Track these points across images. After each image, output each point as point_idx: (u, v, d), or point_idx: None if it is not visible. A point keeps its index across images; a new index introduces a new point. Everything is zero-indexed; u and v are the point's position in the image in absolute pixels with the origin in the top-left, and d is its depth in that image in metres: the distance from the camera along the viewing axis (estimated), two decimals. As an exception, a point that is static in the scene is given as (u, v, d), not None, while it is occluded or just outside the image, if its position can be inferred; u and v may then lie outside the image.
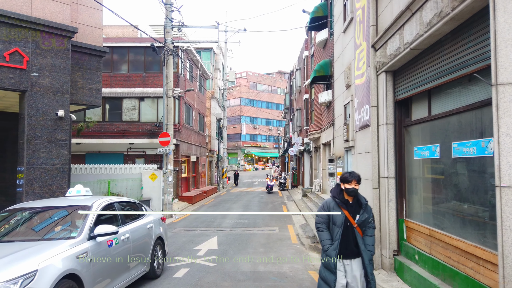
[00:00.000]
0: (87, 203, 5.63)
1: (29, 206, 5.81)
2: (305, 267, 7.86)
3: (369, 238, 4.46)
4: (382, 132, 6.72)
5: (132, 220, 6.46)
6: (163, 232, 7.46)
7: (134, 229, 6.27)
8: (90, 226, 5.16)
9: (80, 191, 6.49)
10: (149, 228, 6.84)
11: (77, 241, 4.85)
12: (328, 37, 15.47)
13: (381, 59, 6.58)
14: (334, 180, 9.83)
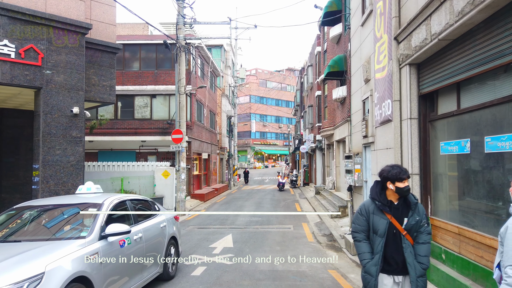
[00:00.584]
0: (98, 201, 5.35)
1: (37, 204, 5.51)
2: (324, 266, 7.69)
3: (422, 247, 3.46)
4: (406, 127, 6.51)
5: (144, 219, 6.16)
6: (176, 232, 7.17)
7: (147, 228, 5.96)
8: (101, 225, 4.86)
9: (90, 188, 6.24)
10: (163, 228, 6.53)
11: (87, 241, 4.56)
12: (342, 32, 15.20)
13: (404, 52, 6.36)
14: (352, 177, 9.63)
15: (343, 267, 7.58)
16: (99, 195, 5.87)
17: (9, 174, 12.35)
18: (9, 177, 12.35)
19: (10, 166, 12.37)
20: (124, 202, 5.81)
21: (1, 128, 12.42)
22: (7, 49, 8.40)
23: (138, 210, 6.20)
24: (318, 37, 23.57)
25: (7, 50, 8.39)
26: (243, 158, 63.73)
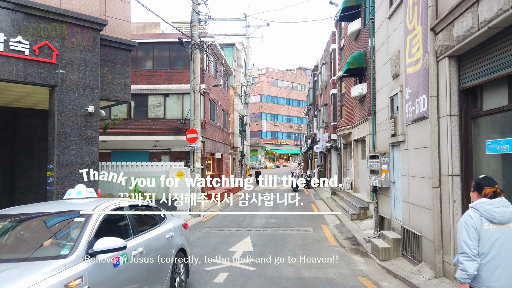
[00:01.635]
0: (87, 209, 4.36)
1: (12, 213, 4.49)
2: (353, 272, 7.25)
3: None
4: (445, 124, 6.03)
5: (147, 228, 5.25)
6: (185, 243, 6.19)
7: (149, 240, 5.02)
8: (88, 240, 3.88)
9: (81, 192, 5.30)
10: (169, 238, 5.59)
11: (69, 262, 3.58)
12: (362, 28, 14.70)
13: (444, 43, 5.88)
14: (378, 178, 9.16)
15: (373, 274, 7.13)
16: (90, 201, 4.91)
17: (23, 175, 12.16)
18: (23, 177, 12.16)
19: (24, 167, 12.18)
20: (121, 210, 4.88)
21: (15, 128, 12.24)
22: (21, 46, 8.13)
23: (139, 218, 5.30)
24: (333, 34, 23.06)
25: (21, 47, 8.13)
26: (254, 158, 63.39)
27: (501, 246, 3.17)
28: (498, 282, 3.13)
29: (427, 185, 6.59)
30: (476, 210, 3.30)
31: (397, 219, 8.70)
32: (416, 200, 7.22)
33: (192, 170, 15.42)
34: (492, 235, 3.18)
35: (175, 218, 6.37)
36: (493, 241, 3.17)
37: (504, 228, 3.18)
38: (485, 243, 3.18)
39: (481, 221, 3.22)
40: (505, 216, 3.18)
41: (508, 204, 3.27)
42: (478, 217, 3.24)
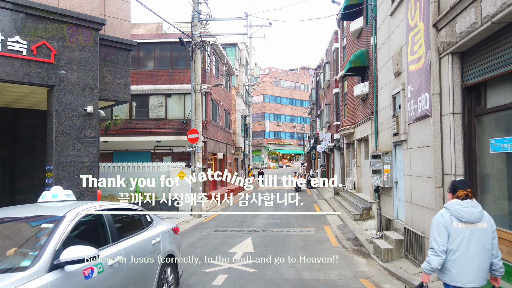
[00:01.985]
0: (58, 213, 3.93)
1: None
2: (354, 274, 7.12)
3: None
4: (447, 122, 5.89)
5: (130, 233, 4.86)
6: (175, 248, 5.81)
7: (131, 247, 4.61)
8: (54, 249, 3.45)
9: (57, 194, 4.85)
10: (155, 244, 5.20)
11: (29, 275, 3.13)
12: (364, 26, 14.55)
13: (446, 39, 5.75)
14: (380, 178, 9.02)
15: (375, 276, 7.00)
16: (64, 205, 4.44)
17: (24, 176, 12.12)
18: (24, 178, 12.12)
19: (25, 168, 12.14)
20: (99, 214, 4.44)
21: (16, 128, 12.20)
22: (19, 46, 8.07)
23: (121, 222, 4.91)
24: (335, 33, 22.91)
25: (19, 47, 8.07)
26: (257, 158, 63.29)
27: (469, 243, 3.42)
28: (466, 277, 3.41)
29: (430, 185, 6.46)
30: (448, 210, 3.56)
31: (399, 220, 8.56)
32: (418, 200, 7.08)
33: (193, 170, 15.33)
34: (460, 233, 3.44)
35: (164, 222, 6.00)
36: (462, 239, 3.44)
37: (472, 227, 3.44)
38: (454, 240, 3.45)
39: (451, 219, 3.49)
40: (473, 216, 3.43)
41: (477, 205, 3.51)
42: (448, 216, 3.51)
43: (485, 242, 3.46)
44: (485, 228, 3.47)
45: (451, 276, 3.48)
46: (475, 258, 3.42)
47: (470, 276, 3.42)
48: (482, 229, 3.46)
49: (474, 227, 3.45)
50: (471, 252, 3.42)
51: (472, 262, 3.42)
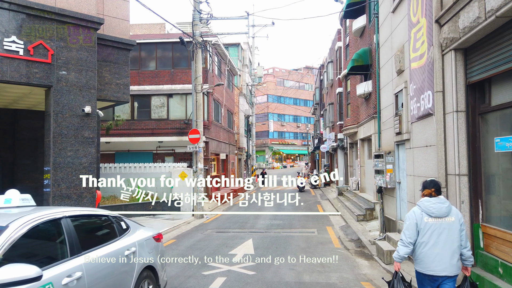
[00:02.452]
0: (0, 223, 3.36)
1: None
2: (356, 277, 6.96)
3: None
4: (451, 121, 5.72)
5: (98, 245, 4.20)
6: (156, 259, 5.10)
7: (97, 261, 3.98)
8: None
9: (10, 200, 4.20)
10: (129, 256, 4.53)
11: None
12: (367, 24, 14.37)
13: (449, 35, 5.57)
14: (383, 178, 8.84)
15: (377, 279, 6.83)
16: (13, 213, 3.82)
17: (24, 177, 12.06)
18: (24, 179, 12.06)
19: (25, 169, 12.08)
20: (57, 222, 3.77)
21: (16, 129, 12.14)
22: (15, 46, 7.98)
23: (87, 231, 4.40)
24: (338, 32, 22.72)
25: (15, 47, 7.98)
26: (261, 158, 63.14)
27: (439, 236, 3.77)
28: (439, 266, 3.75)
29: (433, 186, 6.27)
30: (419, 207, 3.92)
31: (403, 221, 8.38)
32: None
33: (194, 171, 15.22)
34: (431, 227, 3.80)
35: (144, 228, 5.38)
36: (432, 232, 3.79)
37: (441, 221, 3.80)
38: (425, 233, 3.80)
39: (422, 215, 3.85)
40: (440, 211, 3.80)
41: (445, 202, 3.85)
42: (419, 212, 3.87)
43: (454, 234, 3.80)
44: (453, 222, 3.81)
45: (424, 265, 3.82)
46: (445, 249, 3.76)
47: (442, 265, 3.75)
48: (450, 222, 3.80)
49: (442, 221, 3.80)
50: (441, 243, 3.76)
51: (443, 253, 3.75)
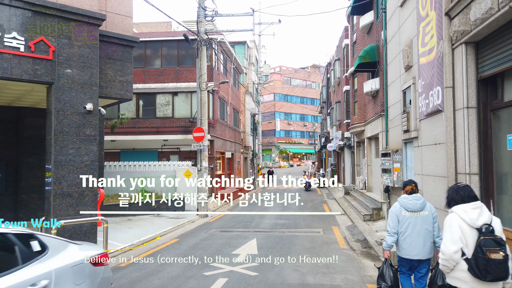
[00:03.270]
0: None
1: None
2: (361, 278, 6.75)
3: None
4: (461, 118, 5.48)
5: None
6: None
7: None
8: None
9: None
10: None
11: None
12: (374, 20, 14.09)
13: (460, 28, 5.33)
14: (390, 177, 8.61)
15: (384, 281, 6.60)
16: None
17: (28, 175, 12.03)
18: (27, 177, 12.04)
19: (29, 167, 12.05)
20: None
21: (19, 127, 12.12)
22: (16, 42, 7.89)
23: None
24: (346, 29, 22.42)
25: (16, 43, 7.89)
26: (267, 157, 62.94)
27: (414, 227, 4.61)
28: (414, 251, 4.58)
29: (442, 185, 6.04)
30: (399, 202, 4.75)
31: (410, 221, 8.14)
32: (430, 201, 6.65)
33: (199, 169, 15.09)
34: (407, 220, 4.63)
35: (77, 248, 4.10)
36: (408, 224, 4.61)
37: (416, 214, 4.64)
38: (403, 225, 4.64)
39: (401, 209, 4.69)
40: (415, 207, 4.64)
41: (420, 198, 4.70)
42: (399, 207, 4.70)
43: (427, 226, 4.62)
44: (426, 215, 4.65)
45: (403, 251, 4.68)
46: (419, 238, 4.58)
47: (416, 250, 4.59)
48: (424, 216, 4.64)
49: (418, 215, 4.64)
50: (416, 233, 4.59)
51: (418, 241, 4.58)
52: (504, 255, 3.13)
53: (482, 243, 3.18)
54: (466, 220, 3.32)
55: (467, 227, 3.30)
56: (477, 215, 3.33)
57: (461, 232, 3.30)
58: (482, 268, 3.13)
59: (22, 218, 11.72)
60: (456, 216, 3.39)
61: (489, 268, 3.11)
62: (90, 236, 8.79)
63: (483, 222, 3.29)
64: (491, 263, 3.11)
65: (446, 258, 3.35)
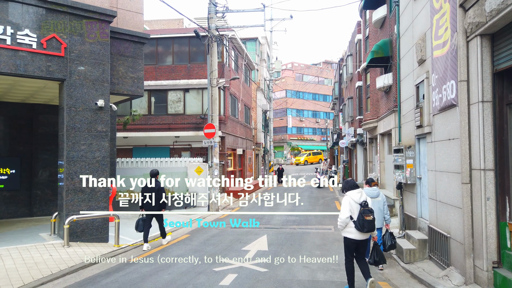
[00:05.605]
0: None
1: None
2: (373, 276, 6.62)
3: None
4: (476, 112, 5.33)
5: None
6: None
7: None
8: None
9: None
10: None
11: None
12: (387, 14, 13.85)
13: (475, 20, 5.18)
14: (403, 173, 8.46)
15: (395, 279, 6.51)
16: None
17: (42, 171, 12.23)
18: (42, 173, 12.24)
19: (43, 163, 12.24)
20: None
21: (34, 124, 12.30)
22: (28, 39, 7.99)
23: None
24: (358, 24, 22.12)
25: (28, 40, 7.99)
26: (279, 154, 62.80)
27: (373, 207, 5.98)
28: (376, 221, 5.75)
29: (456, 181, 5.90)
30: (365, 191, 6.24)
31: (423, 218, 8.00)
32: (444, 198, 6.52)
33: (210, 166, 15.11)
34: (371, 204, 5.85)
35: None
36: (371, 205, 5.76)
37: (374, 199, 6.82)
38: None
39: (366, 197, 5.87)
40: (373, 194, 7.00)
41: (375, 189, 7.24)
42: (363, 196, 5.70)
43: (380, 206, 7.09)
44: (379, 200, 7.10)
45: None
46: (377, 213, 6.50)
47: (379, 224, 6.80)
48: (378, 201, 7.08)
49: (375, 200, 6.95)
50: (375, 210, 6.36)
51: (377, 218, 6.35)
52: (372, 218, 5.43)
53: (361, 211, 5.43)
54: (354, 199, 5.51)
55: (354, 203, 5.48)
56: (359, 197, 5.54)
57: (350, 206, 5.48)
58: (361, 225, 5.38)
59: (36, 213, 11.94)
60: (348, 197, 5.56)
61: (365, 224, 5.37)
62: (101, 231, 8.89)
63: (362, 200, 5.51)
64: (366, 222, 5.38)
65: (342, 221, 5.53)
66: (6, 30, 7.70)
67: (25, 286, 5.98)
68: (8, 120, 11.93)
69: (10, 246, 8.07)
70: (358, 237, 5.46)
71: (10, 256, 7.38)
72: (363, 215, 5.35)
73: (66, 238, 8.13)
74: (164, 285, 6.14)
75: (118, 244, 8.63)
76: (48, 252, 7.78)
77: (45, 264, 7.01)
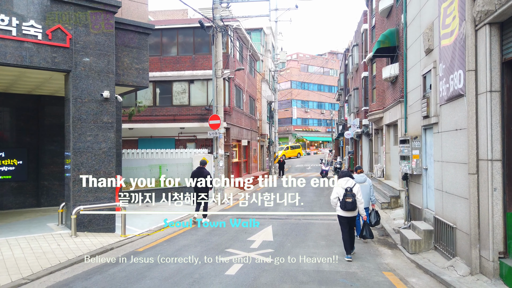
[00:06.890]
0: None
1: None
2: (378, 266, 6.67)
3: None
4: (484, 102, 5.27)
5: None
6: None
7: None
8: None
9: None
10: None
11: None
12: (394, 3, 13.67)
13: (484, 8, 5.09)
14: (409, 164, 8.42)
15: (400, 269, 6.53)
16: None
17: (49, 162, 12.33)
18: (49, 164, 12.33)
19: (50, 154, 12.34)
20: None
21: (40, 115, 12.37)
22: (34, 30, 7.99)
23: None
24: (364, 14, 21.86)
25: (34, 31, 7.99)
26: (284, 145, 62.62)
27: (362, 191, 7.67)
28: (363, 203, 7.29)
29: (462, 172, 5.87)
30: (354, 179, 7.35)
31: (429, 209, 7.98)
32: (450, 188, 6.50)
33: (215, 157, 15.15)
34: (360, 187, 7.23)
35: None
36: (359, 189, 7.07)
37: (362, 184, 8.14)
38: (358, 192, 6.99)
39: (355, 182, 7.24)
40: (360, 180, 8.28)
41: (363, 175, 8.57)
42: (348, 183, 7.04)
43: (367, 190, 8.30)
44: (366, 185, 8.33)
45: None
46: (364, 196, 7.83)
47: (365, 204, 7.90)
48: (365, 185, 8.30)
49: (362, 184, 8.15)
50: (363, 193, 7.83)
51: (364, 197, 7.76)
52: (352, 200, 6.86)
53: (344, 194, 6.89)
54: (341, 185, 7.00)
55: (340, 188, 6.98)
56: (345, 183, 6.98)
57: (338, 190, 7.02)
58: (344, 205, 6.89)
59: (44, 204, 12.07)
60: (337, 184, 7.08)
61: (346, 204, 6.87)
62: (108, 221, 8.97)
63: (347, 186, 6.92)
64: (347, 203, 6.87)
65: (331, 201, 7.22)
66: (11, 21, 7.71)
67: (33, 275, 6.07)
68: (15, 111, 12.01)
69: (18, 236, 8.19)
70: (344, 214, 6.99)
71: (18, 246, 7.49)
72: (345, 198, 6.86)
73: (73, 228, 8.23)
74: (171, 274, 6.20)
75: (124, 234, 8.72)
76: (56, 242, 7.88)
77: (53, 253, 7.11)
